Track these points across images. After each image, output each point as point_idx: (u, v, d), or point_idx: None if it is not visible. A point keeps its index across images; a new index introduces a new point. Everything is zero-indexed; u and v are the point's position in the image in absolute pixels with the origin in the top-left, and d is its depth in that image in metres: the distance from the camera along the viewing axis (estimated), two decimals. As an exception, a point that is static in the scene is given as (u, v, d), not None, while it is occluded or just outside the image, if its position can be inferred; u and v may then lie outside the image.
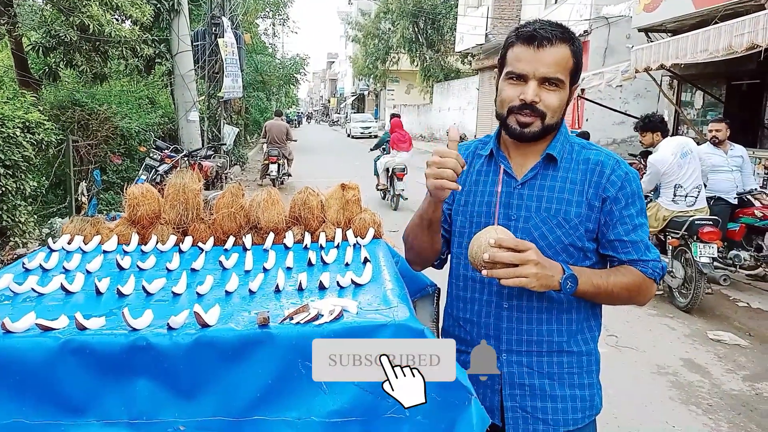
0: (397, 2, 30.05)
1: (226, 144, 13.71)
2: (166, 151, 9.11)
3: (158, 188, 2.26)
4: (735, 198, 6.00)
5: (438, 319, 2.24)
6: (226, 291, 1.63)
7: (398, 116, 12.16)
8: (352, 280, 1.68)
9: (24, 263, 1.86)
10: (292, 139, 13.54)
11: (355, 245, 2.07)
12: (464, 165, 1.33)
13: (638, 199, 1.47)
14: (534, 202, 1.46)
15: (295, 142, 14.62)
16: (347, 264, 1.88)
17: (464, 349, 1.52)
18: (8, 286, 1.64)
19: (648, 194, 5.70)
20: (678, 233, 5.37)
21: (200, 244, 2.07)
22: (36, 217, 5.94)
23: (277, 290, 1.64)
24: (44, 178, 6.97)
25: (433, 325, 2.22)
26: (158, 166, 8.65)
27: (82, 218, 2.18)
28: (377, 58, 35.80)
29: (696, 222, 5.22)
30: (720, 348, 4.63)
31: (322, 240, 2.11)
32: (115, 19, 8.47)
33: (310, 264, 1.88)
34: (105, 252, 2.00)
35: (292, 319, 1.40)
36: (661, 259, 1.51)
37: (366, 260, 1.85)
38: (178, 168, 7.38)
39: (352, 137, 33.28)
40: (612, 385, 2.86)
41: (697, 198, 5.42)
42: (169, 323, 1.36)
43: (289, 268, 1.85)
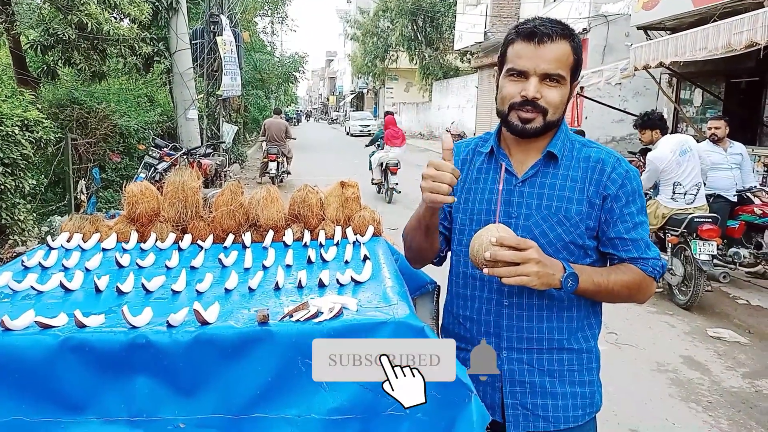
0: (396, 0, 30.00)
1: (225, 142, 13.68)
2: (165, 149, 9.09)
3: (157, 186, 2.26)
4: (734, 195, 6.00)
5: (438, 317, 2.24)
6: (226, 289, 1.63)
7: (392, 114, 12.56)
8: (351, 277, 1.68)
9: (23, 261, 1.86)
10: (291, 137, 13.57)
11: (354, 243, 2.07)
12: (459, 176, 1.34)
13: (639, 197, 1.47)
14: (535, 200, 1.45)
15: (294, 140, 14.69)
16: (347, 261, 1.88)
17: (464, 347, 1.52)
18: (7, 284, 1.64)
19: (647, 192, 5.70)
20: (677, 231, 5.37)
21: (199, 242, 2.08)
22: (35, 215, 5.92)
23: (277, 288, 1.64)
24: (43, 176, 6.95)
25: (433, 323, 2.22)
26: (157, 164, 8.64)
27: (81, 216, 2.18)
28: (376, 56, 35.76)
29: (695, 219, 5.22)
30: (720, 345, 4.63)
31: (321, 238, 2.11)
32: (114, 18, 8.45)
33: (309, 262, 1.88)
34: (104, 250, 2.00)
35: (292, 316, 1.40)
36: (661, 257, 1.51)
37: (366, 258, 1.85)
38: (177, 166, 7.36)
39: (351, 135, 33.28)
40: (612, 382, 2.86)
41: (696, 196, 5.42)
42: (168, 321, 1.36)
43: (288, 266, 1.85)
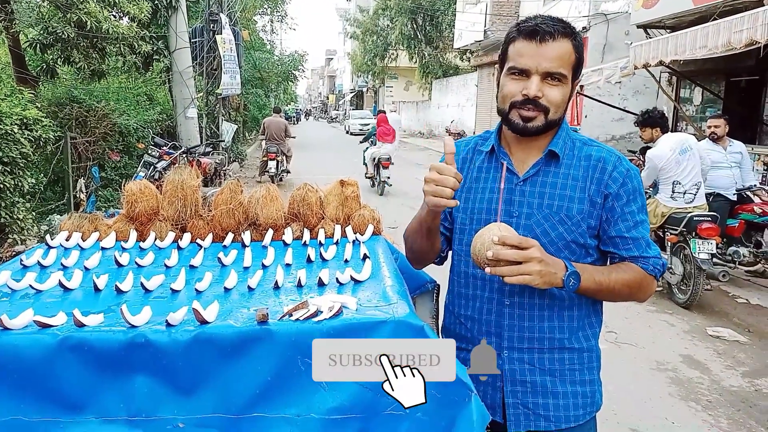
0: (396, -1, 30.01)
1: (224, 141, 13.67)
2: (164, 147, 9.08)
3: (156, 185, 2.25)
4: (734, 194, 6.00)
5: (437, 316, 2.24)
6: (225, 288, 1.63)
7: (384, 112, 13.53)
8: (351, 276, 1.68)
9: (22, 260, 1.85)
10: (290, 135, 13.58)
11: (354, 242, 2.07)
12: (461, 179, 1.34)
13: (639, 196, 1.46)
14: (536, 199, 1.45)
15: (294, 138, 14.71)
16: (346, 260, 1.87)
17: (465, 347, 1.51)
18: (6, 283, 1.64)
19: (647, 190, 5.70)
20: (677, 229, 5.37)
21: (199, 241, 2.07)
22: (34, 214, 5.92)
23: (276, 287, 1.64)
24: (42, 175, 6.95)
25: (433, 322, 2.21)
26: (156, 163, 8.63)
27: (80, 215, 2.17)
28: (376, 54, 35.73)
29: (695, 218, 5.21)
30: (719, 344, 4.63)
31: (321, 236, 2.11)
32: (113, 16, 8.44)
33: (309, 261, 1.88)
34: (103, 249, 2.00)
35: (291, 315, 1.40)
36: (661, 255, 1.50)
37: (365, 257, 1.85)
38: (177, 165, 7.36)
39: (351, 134, 33.23)
40: (611, 381, 2.86)
41: (695, 195, 5.42)
42: (167, 320, 1.36)
43: (288, 265, 1.85)
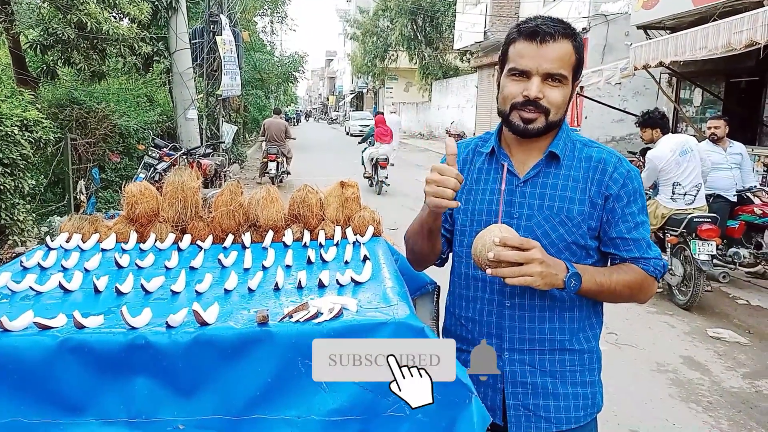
0: (396, 0, 30.00)
1: (224, 142, 13.68)
2: (164, 149, 9.09)
3: (157, 186, 2.25)
4: (734, 195, 6.00)
5: (438, 317, 2.23)
6: (225, 289, 1.63)
7: (381, 113, 14.07)
8: (351, 278, 1.68)
9: (22, 261, 1.85)
10: (291, 137, 13.57)
11: (354, 243, 2.07)
12: (462, 180, 1.34)
13: (640, 197, 1.46)
14: (536, 200, 1.45)
15: (294, 140, 14.71)
16: (347, 262, 1.87)
17: (465, 348, 1.51)
18: (6, 285, 1.64)
19: (647, 191, 5.69)
20: (677, 231, 5.37)
21: (199, 242, 2.07)
22: (34, 215, 5.92)
23: (277, 288, 1.64)
24: (42, 176, 6.95)
25: (433, 323, 2.21)
26: (157, 165, 8.63)
27: (80, 216, 2.17)
28: (376, 55, 35.73)
29: (695, 219, 5.21)
30: (720, 345, 4.63)
31: (321, 238, 2.10)
32: (113, 17, 8.45)
33: (309, 262, 1.88)
34: (103, 250, 1.99)
35: (292, 317, 1.40)
36: (662, 256, 1.50)
37: (365, 258, 1.85)
38: (177, 166, 7.35)
39: (351, 135, 33.21)
40: (612, 382, 2.86)
41: (696, 197, 5.41)
42: (167, 322, 1.35)
43: (288, 266, 1.85)
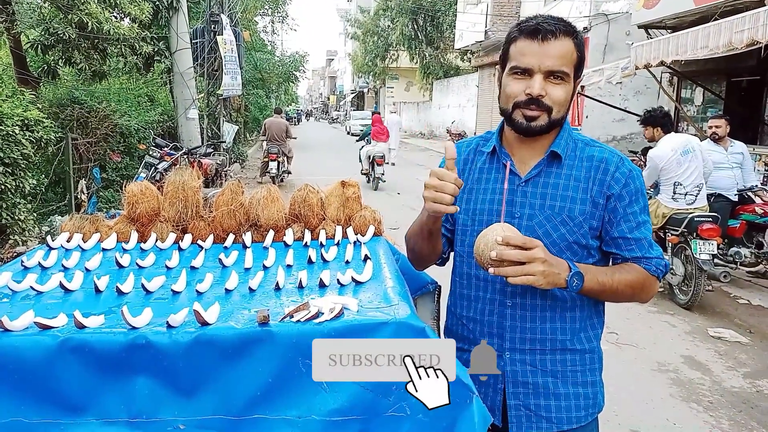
0: (396, -1, 30.03)
1: (225, 142, 13.69)
2: (165, 148, 9.09)
3: (158, 186, 2.25)
4: (735, 195, 5.99)
5: (439, 317, 2.23)
6: (226, 289, 1.63)
7: (378, 113, 15.11)
8: (352, 277, 1.68)
9: (23, 261, 1.85)
10: (291, 136, 13.60)
11: (355, 243, 2.06)
12: (461, 185, 1.33)
13: (642, 197, 1.46)
14: (538, 200, 1.45)
15: (295, 139, 14.75)
16: (347, 261, 1.87)
17: (467, 348, 1.51)
18: (7, 284, 1.64)
19: (648, 191, 5.68)
20: (678, 230, 5.36)
21: (200, 242, 2.07)
22: (35, 215, 5.92)
23: (277, 288, 1.64)
24: (43, 176, 6.95)
25: (434, 323, 2.21)
26: (158, 164, 8.64)
27: (81, 216, 2.17)
28: (376, 55, 35.72)
29: (696, 219, 5.20)
30: (720, 345, 4.62)
31: (322, 237, 2.10)
32: (114, 17, 8.46)
33: (310, 262, 1.88)
34: (104, 250, 1.99)
35: (293, 317, 1.40)
36: (663, 256, 1.50)
37: (366, 258, 1.84)
38: (178, 166, 7.36)
39: (352, 135, 33.20)
40: (612, 382, 2.86)
41: (696, 197, 5.40)
42: (168, 321, 1.35)
43: (289, 266, 1.84)
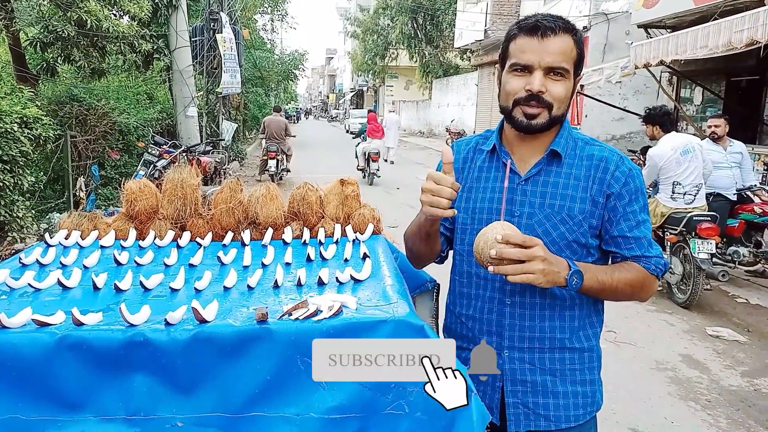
0: (396, -2, 29.99)
1: (224, 140, 13.68)
2: (164, 146, 9.07)
3: (156, 184, 2.25)
4: (734, 194, 5.99)
5: (437, 315, 2.23)
6: (225, 286, 1.62)
7: (374, 111, 15.88)
8: (351, 275, 1.67)
9: (21, 258, 1.85)
10: (290, 134, 13.62)
11: (354, 241, 2.06)
12: (458, 189, 1.33)
13: (641, 196, 1.46)
14: (538, 199, 1.44)
15: (294, 137, 14.78)
16: (346, 260, 1.87)
17: (466, 346, 1.51)
18: (5, 281, 1.63)
19: (647, 190, 5.68)
20: (676, 229, 5.37)
21: (198, 240, 2.07)
22: (34, 212, 5.92)
23: (276, 286, 1.63)
24: (42, 173, 6.94)
25: (433, 321, 2.21)
26: (156, 162, 8.62)
27: (79, 213, 2.16)
28: (376, 54, 35.70)
29: (694, 218, 5.21)
30: (719, 344, 4.63)
31: (321, 236, 2.10)
32: (113, 15, 8.44)
33: (309, 260, 1.87)
34: (102, 247, 1.99)
35: (291, 314, 1.40)
36: (663, 255, 1.50)
37: (365, 256, 1.84)
38: (177, 163, 7.35)
39: (351, 133, 33.14)
40: (611, 380, 2.86)
41: (695, 197, 5.40)
42: (166, 319, 1.35)
43: (287, 264, 1.84)
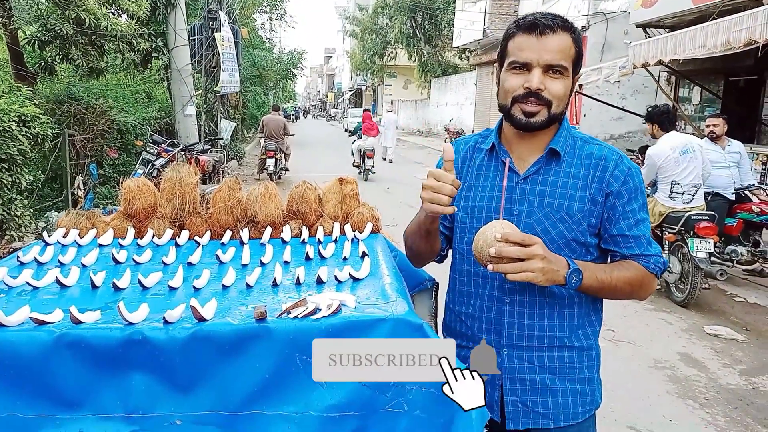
0: (395, -3, 29.96)
1: (223, 138, 13.68)
2: (162, 145, 9.07)
3: (155, 182, 2.25)
4: (732, 193, 6.00)
5: (436, 314, 2.23)
6: (223, 285, 1.62)
7: (369, 110, 16.71)
8: (350, 274, 1.67)
9: (19, 257, 1.84)
10: (289, 133, 13.63)
11: (353, 239, 2.06)
12: (459, 186, 1.33)
13: (640, 194, 1.46)
14: (537, 197, 1.44)
15: (293, 136, 14.81)
16: (345, 258, 1.87)
17: (465, 344, 1.51)
18: (2, 280, 1.63)
19: (646, 189, 5.67)
20: (675, 228, 5.37)
21: (197, 238, 2.06)
22: (32, 211, 5.92)
23: (275, 284, 1.63)
24: (40, 171, 6.93)
25: (432, 320, 2.21)
26: (155, 161, 8.61)
27: (77, 212, 2.16)
28: (375, 53, 35.66)
29: (692, 217, 5.21)
30: (717, 342, 4.64)
31: (319, 234, 2.10)
32: (112, 13, 8.41)
33: (307, 258, 1.87)
34: (101, 246, 1.99)
35: (290, 313, 1.39)
36: (662, 254, 1.50)
37: (364, 254, 1.84)
38: (175, 162, 7.34)
39: (350, 132, 33.15)
40: (609, 379, 2.85)
41: (694, 197, 5.41)
42: (165, 317, 1.35)
43: (286, 263, 1.84)
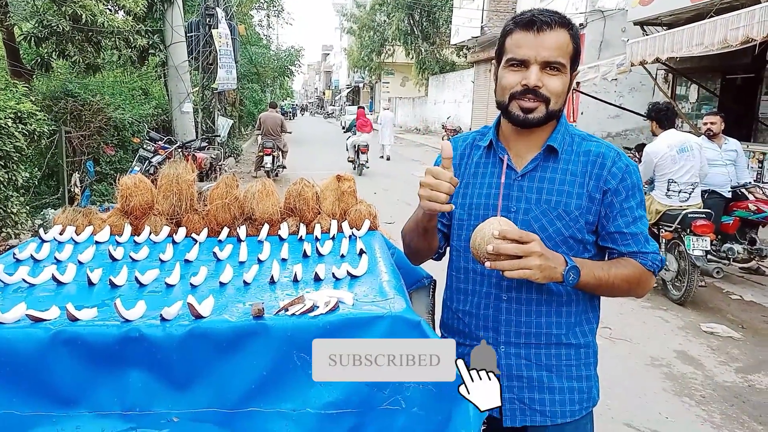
0: (393, -6, 29.92)
1: (220, 135, 13.65)
2: (159, 142, 9.06)
3: (151, 179, 2.24)
4: (729, 191, 6.01)
5: (434, 311, 2.23)
6: (221, 282, 1.62)
7: (363, 108, 17.41)
8: (347, 271, 1.67)
9: (15, 254, 1.84)
10: (286, 131, 13.58)
11: (350, 237, 2.06)
12: (457, 184, 1.32)
13: (638, 192, 1.46)
14: (534, 194, 1.44)
15: (290, 134, 14.79)
16: (343, 255, 1.86)
17: (463, 342, 1.51)
18: (-2, 277, 1.62)
19: (643, 186, 5.67)
20: (671, 226, 5.38)
21: (194, 235, 2.06)
22: (28, 208, 5.90)
23: (272, 281, 1.63)
24: (36, 169, 6.91)
25: (429, 317, 2.21)
26: (152, 158, 8.60)
27: (74, 209, 2.15)
28: (372, 50, 35.62)
29: (689, 215, 5.22)
30: (713, 340, 4.65)
31: (317, 231, 2.10)
32: (108, 10, 8.38)
33: (305, 255, 1.87)
34: (97, 243, 1.98)
35: (287, 310, 1.39)
36: (659, 251, 1.50)
37: (362, 252, 1.84)
38: (172, 159, 7.32)
39: (345, 128, 33.13)
40: (606, 376, 2.86)
41: (690, 195, 5.42)
42: (162, 314, 1.35)
43: (284, 260, 1.84)
